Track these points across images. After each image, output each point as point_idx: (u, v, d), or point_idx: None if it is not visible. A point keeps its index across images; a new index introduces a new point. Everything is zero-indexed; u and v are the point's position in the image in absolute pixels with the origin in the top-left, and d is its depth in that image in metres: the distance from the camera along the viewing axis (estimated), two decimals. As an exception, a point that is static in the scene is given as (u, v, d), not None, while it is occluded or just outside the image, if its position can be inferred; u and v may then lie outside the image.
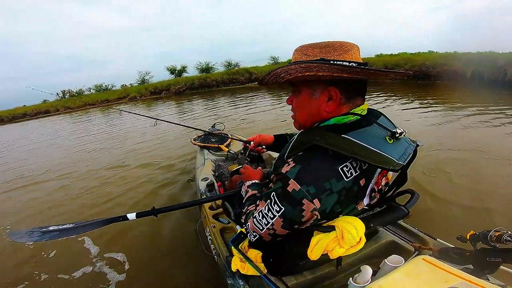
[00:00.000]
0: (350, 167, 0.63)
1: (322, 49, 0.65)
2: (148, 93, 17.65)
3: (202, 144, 2.59)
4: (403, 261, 0.70)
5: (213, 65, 21.76)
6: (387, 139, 0.64)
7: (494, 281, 0.73)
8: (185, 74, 21.60)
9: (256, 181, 1.01)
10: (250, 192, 0.95)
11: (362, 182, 0.66)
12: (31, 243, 1.92)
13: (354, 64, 0.63)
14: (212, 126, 3.23)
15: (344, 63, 0.63)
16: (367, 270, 0.66)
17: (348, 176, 0.63)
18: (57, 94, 21.39)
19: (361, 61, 0.66)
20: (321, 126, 0.70)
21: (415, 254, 0.91)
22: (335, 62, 0.63)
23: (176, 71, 21.82)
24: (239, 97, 9.65)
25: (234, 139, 2.36)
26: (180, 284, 1.59)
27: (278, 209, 0.66)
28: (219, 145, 2.46)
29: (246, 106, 8.15)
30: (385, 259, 0.72)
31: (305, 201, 0.62)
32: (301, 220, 0.65)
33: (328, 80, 0.66)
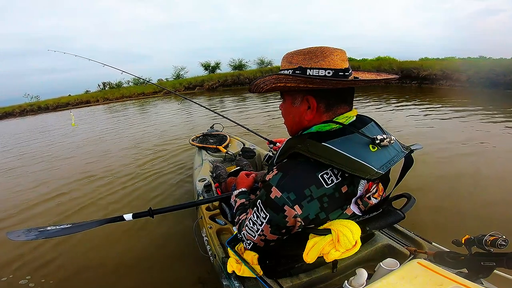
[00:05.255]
0: (330, 174, 0.63)
1: (305, 55, 0.66)
2: (182, 88, 17.69)
3: (200, 144, 2.59)
4: (398, 265, 0.70)
5: (246, 62, 21.33)
6: (370, 147, 0.63)
7: (488, 285, 0.74)
8: (218, 71, 21.37)
9: (244, 189, 1.03)
10: (239, 202, 0.97)
11: (344, 189, 0.65)
12: (28, 241, 1.91)
13: (331, 72, 0.63)
14: (210, 127, 3.22)
15: (320, 71, 0.63)
16: (363, 273, 0.66)
17: (329, 183, 0.63)
18: (98, 85, 22.73)
19: (342, 67, 0.64)
20: (304, 134, 0.71)
21: (411, 257, 0.92)
22: (312, 69, 0.64)
23: (210, 67, 21.66)
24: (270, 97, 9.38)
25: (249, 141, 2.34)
26: (175, 285, 1.59)
27: (264, 215, 0.68)
28: (217, 146, 2.46)
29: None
30: (381, 263, 0.72)
31: (286, 207, 0.63)
32: (286, 225, 0.66)
33: (306, 89, 0.67)
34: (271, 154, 1.63)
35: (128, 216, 1.12)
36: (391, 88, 9.67)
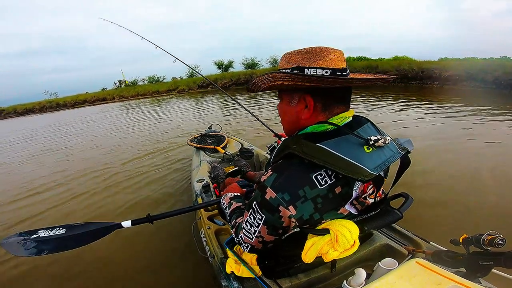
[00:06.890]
0: (324, 175, 0.63)
1: (303, 55, 0.66)
2: (195, 86, 17.80)
3: (198, 145, 2.58)
4: (397, 264, 0.71)
5: (258, 61, 21.25)
6: (365, 148, 0.63)
7: (486, 284, 0.74)
8: (231, 69, 21.34)
9: (238, 194, 1.04)
10: (235, 205, 0.96)
11: (337, 190, 0.65)
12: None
13: (328, 71, 0.63)
14: (208, 128, 3.22)
15: (318, 70, 0.63)
16: (361, 273, 0.66)
17: (322, 184, 0.63)
18: (114, 83, 22.86)
19: (340, 67, 0.64)
20: (300, 134, 0.70)
21: (409, 257, 0.92)
22: (309, 69, 0.64)
23: (223, 66, 21.66)
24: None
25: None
26: (174, 285, 1.58)
27: (260, 217, 0.68)
28: (215, 147, 2.45)
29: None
30: (379, 262, 0.72)
31: (281, 208, 0.63)
32: (282, 225, 0.66)
33: (305, 88, 0.67)
34: (275, 145, 1.66)
35: (126, 223, 1.10)
36: (411, 89, 9.47)
